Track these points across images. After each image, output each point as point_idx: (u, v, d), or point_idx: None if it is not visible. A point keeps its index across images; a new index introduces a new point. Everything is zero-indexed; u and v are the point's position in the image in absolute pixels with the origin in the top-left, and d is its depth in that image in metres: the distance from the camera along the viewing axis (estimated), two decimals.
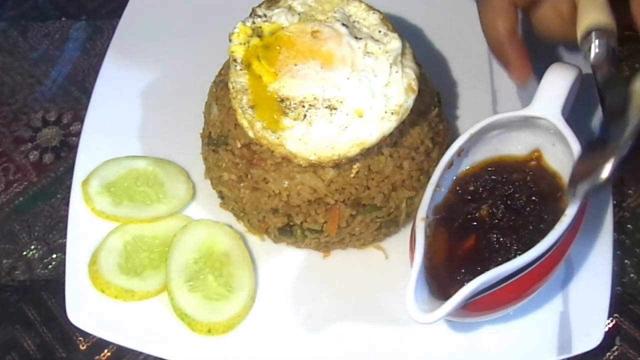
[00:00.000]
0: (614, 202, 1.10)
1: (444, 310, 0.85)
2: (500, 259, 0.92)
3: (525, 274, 0.89)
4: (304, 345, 1.03)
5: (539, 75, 0.99)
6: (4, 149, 1.31)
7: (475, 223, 0.96)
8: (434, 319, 0.85)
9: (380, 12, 1.07)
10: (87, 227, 1.11)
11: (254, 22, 1.05)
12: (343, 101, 0.99)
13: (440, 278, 0.93)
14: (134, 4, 1.35)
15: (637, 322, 1.08)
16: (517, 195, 0.97)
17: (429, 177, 0.98)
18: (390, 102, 1.00)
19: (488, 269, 0.87)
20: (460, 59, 1.28)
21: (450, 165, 0.98)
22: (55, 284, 1.14)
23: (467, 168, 1.01)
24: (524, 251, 0.88)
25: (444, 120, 1.15)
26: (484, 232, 0.95)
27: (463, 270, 0.92)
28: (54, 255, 1.18)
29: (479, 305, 0.91)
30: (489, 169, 1.00)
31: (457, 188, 1.00)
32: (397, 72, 1.01)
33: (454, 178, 1.01)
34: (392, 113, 0.99)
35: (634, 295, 1.10)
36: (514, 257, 0.88)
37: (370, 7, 1.07)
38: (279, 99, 0.99)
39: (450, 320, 1.00)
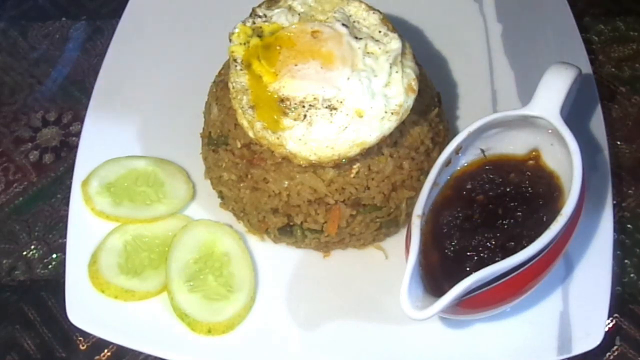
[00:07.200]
0: (614, 202, 1.10)
1: (438, 307, 0.85)
2: (495, 258, 0.92)
3: (520, 273, 0.89)
4: (304, 345, 1.03)
5: (539, 75, 0.99)
6: (4, 149, 1.31)
7: (471, 221, 0.96)
8: (427, 316, 0.85)
9: (381, 12, 1.07)
10: (87, 227, 1.11)
11: (254, 22, 1.05)
12: (343, 101, 0.99)
13: (435, 275, 0.93)
14: (134, 4, 1.35)
15: (637, 322, 1.08)
16: (514, 194, 0.97)
17: None
18: (390, 102, 1.00)
19: (483, 267, 0.87)
20: (460, 59, 1.28)
21: (448, 162, 0.98)
22: (55, 284, 1.14)
23: (464, 166, 1.01)
24: (519, 249, 0.88)
25: (444, 120, 1.15)
26: (480, 230, 0.94)
27: (458, 268, 0.92)
28: (54, 255, 1.18)
29: (473, 303, 0.91)
30: (487, 167, 1.00)
31: (454, 186, 1.00)
32: (397, 72, 1.01)
33: (452, 176, 1.01)
34: (392, 113, 0.99)
35: (634, 295, 1.10)
36: (510, 255, 0.88)
37: (371, 7, 1.07)
38: (279, 99, 0.99)
39: (446, 317, 1.00)
